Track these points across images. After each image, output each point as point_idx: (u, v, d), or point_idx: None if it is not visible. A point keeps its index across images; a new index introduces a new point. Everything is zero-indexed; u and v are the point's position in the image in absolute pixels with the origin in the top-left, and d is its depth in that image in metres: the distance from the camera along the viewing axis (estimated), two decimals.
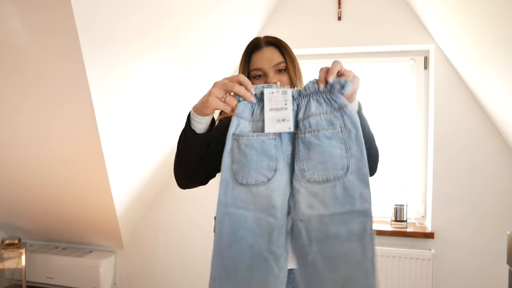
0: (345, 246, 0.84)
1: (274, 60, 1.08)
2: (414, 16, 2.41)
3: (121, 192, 2.34)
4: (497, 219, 2.29)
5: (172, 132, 2.49)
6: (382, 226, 2.48)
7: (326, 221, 0.85)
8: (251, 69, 1.09)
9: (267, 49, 1.09)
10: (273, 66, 1.08)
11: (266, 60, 1.08)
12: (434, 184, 2.38)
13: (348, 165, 0.85)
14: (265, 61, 1.08)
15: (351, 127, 0.86)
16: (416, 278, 2.29)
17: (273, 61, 1.08)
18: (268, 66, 1.08)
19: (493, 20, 1.60)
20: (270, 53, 1.09)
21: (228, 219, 0.87)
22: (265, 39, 1.12)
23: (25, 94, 1.83)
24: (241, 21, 2.41)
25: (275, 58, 1.08)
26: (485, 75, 2.02)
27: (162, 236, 2.85)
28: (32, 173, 2.30)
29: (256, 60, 1.09)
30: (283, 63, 1.08)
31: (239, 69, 1.13)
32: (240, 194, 0.88)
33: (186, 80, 2.32)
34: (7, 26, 1.55)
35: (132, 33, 1.73)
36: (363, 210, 0.84)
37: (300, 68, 1.14)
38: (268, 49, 1.09)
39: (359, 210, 0.84)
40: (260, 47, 1.10)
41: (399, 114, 2.63)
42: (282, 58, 1.09)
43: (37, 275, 2.83)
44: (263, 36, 1.14)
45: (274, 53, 1.09)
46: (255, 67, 1.08)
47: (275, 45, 1.10)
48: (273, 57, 1.08)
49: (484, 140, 2.31)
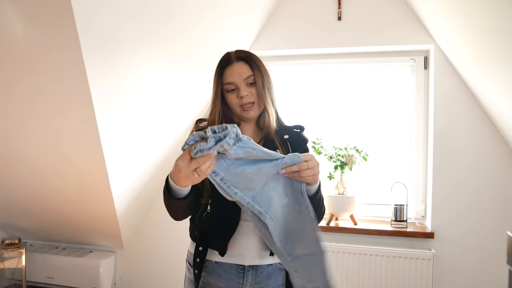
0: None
1: (244, 74, 1.15)
2: (414, 16, 2.41)
3: (121, 192, 2.34)
4: (497, 219, 2.29)
5: (172, 132, 2.49)
6: (382, 226, 2.48)
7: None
8: (224, 83, 1.16)
9: (237, 64, 1.16)
10: (243, 80, 1.15)
11: (237, 74, 1.15)
12: (434, 184, 2.38)
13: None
14: (236, 75, 1.15)
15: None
16: (416, 278, 2.29)
17: (243, 75, 1.15)
18: (239, 80, 1.15)
19: (493, 20, 1.60)
20: (241, 68, 1.15)
21: None
22: (235, 54, 1.18)
23: (25, 94, 1.83)
24: (241, 21, 2.41)
25: (245, 72, 1.15)
26: (485, 75, 2.02)
27: (162, 236, 2.85)
28: (32, 173, 2.30)
29: (228, 75, 1.16)
30: (253, 76, 1.15)
31: (213, 83, 1.19)
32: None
33: (186, 80, 2.32)
34: (7, 27, 1.55)
35: (132, 33, 1.74)
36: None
37: (270, 80, 1.21)
38: (238, 64, 1.16)
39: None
40: (231, 62, 1.16)
41: (399, 114, 2.63)
42: (251, 72, 1.15)
43: (37, 275, 2.83)
44: (234, 51, 1.20)
45: (243, 67, 1.15)
46: (227, 81, 1.16)
47: (245, 59, 1.16)
48: (243, 71, 1.15)
49: (484, 140, 2.31)
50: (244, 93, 1.14)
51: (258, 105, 1.17)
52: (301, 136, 1.23)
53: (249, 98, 1.15)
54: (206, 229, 1.17)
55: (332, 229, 2.48)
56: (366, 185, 2.65)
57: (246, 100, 1.15)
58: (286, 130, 1.23)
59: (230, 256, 1.15)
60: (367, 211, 2.65)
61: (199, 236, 1.18)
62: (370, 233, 2.43)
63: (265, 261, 1.16)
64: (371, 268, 2.36)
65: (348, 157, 2.47)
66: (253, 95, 1.16)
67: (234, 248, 1.15)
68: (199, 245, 1.17)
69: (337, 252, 2.41)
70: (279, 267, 1.18)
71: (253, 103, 1.16)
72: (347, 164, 2.48)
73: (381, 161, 2.64)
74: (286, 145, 1.18)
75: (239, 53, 1.18)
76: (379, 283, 2.35)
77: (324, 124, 2.72)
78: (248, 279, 1.15)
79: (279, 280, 1.18)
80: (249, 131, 1.23)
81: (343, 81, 2.72)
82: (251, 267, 1.15)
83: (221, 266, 1.15)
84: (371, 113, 2.68)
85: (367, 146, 2.53)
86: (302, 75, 2.78)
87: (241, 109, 1.16)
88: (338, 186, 2.51)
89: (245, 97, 1.14)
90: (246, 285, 1.15)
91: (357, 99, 2.70)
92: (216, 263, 1.16)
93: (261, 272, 1.15)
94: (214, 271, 1.16)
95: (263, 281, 1.16)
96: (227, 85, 1.16)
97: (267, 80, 1.19)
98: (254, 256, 1.15)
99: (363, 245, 2.40)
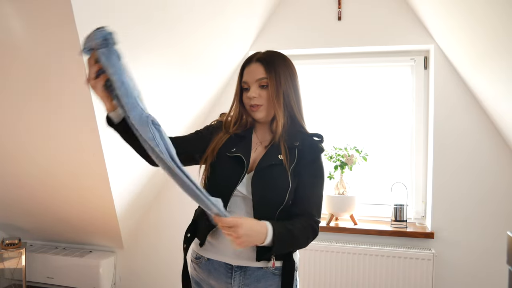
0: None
1: (257, 75, 1.16)
2: (414, 16, 2.41)
3: (121, 192, 2.34)
4: (497, 219, 2.29)
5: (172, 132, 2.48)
6: (382, 226, 2.48)
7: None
8: (242, 81, 1.20)
9: (254, 65, 1.17)
10: (255, 81, 1.16)
11: (251, 74, 1.17)
12: (434, 184, 2.38)
13: None
14: (250, 75, 1.17)
15: None
16: (416, 278, 2.29)
17: (256, 76, 1.16)
18: (251, 80, 1.16)
19: (493, 20, 1.60)
20: (255, 69, 1.16)
21: None
22: (256, 55, 1.19)
23: (25, 94, 1.83)
24: (241, 21, 2.41)
25: (258, 74, 1.16)
26: (485, 75, 2.02)
27: (162, 236, 2.85)
28: (32, 173, 2.30)
29: (245, 74, 1.19)
30: (265, 79, 1.15)
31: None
32: None
33: (186, 80, 2.32)
34: (7, 26, 1.55)
35: (132, 33, 1.73)
36: None
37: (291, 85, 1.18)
38: (255, 64, 1.17)
39: None
40: (251, 62, 1.19)
41: (398, 114, 2.63)
42: (264, 74, 1.15)
43: (37, 275, 2.83)
44: (261, 52, 1.21)
45: (258, 69, 1.16)
46: (244, 80, 1.19)
47: (262, 61, 1.17)
48: (257, 73, 1.16)
49: (484, 140, 2.31)
50: (252, 94, 1.15)
51: (266, 109, 1.17)
52: (314, 145, 1.18)
53: (256, 100, 1.15)
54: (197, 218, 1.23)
55: (332, 229, 2.49)
56: (366, 185, 2.65)
57: (253, 102, 1.16)
58: (299, 136, 1.19)
59: (217, 253, 1.16)
60: (367, 211, 2.65)
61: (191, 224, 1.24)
62: (370, 233, 2.43)
63: (253, 263, 1.13)
64: (371, 268, 2.36)
65: (348, 157, 2.47)
66: (262, 98, 1.15)
67: (217, 242, 1.16)
68: (187, 232, 1.22)
69: (337, 252, 2.40)
70: (272, 272, 1.14)
71: (260, 106, 1.16)
72: (347, 164, 2.48)
73: (381, 161, 2.64)
74: (293, 151, 1.15)
75: (261, 54, 1.19)
76: (379, 283, 2.35)
77: (324, 124, 2.72)
78: (235, 279, 1.13)
79: (272, 285, 1.14)
80: (262, 132, 1.24)
81: (343, 81, 2.72)
82: (239, 268, 1.13)
83: (212, 264, 1.17)
84: (371, 113, 2.67)
85: (367, 146, 2.53)
86: (302, 75, 2.78)
87: (250, 109, 1.18)
88: (338, 186, 2.51)
89: (253, 98, 1.15)
90: (234, 286, 1.13)
91: (357, 99, 2.69)
92: (208, 260, 1.17)
93: (249, 274, 1.13)
94: (206, 267, 1.18)
95: (252, 283, 1.13)
96: (243, 83, 1.19)
97: (286, 85, 1.16)
98: (241, 256, 1.13)
99: (363, 245, 2.40)
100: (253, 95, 1.15)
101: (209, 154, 1.18)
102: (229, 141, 1.19)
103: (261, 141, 1.22)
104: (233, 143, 1.18)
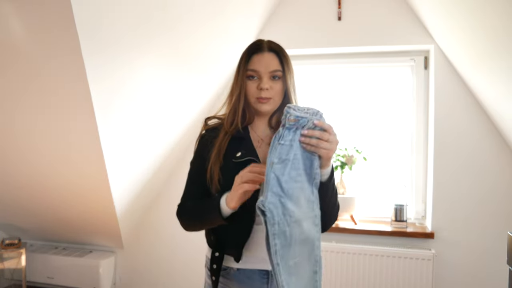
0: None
1: (272, 66, 1.10)
2: (414, 16, 2.41)
3: (121, 193, 2.34)
4: (497, 219, 2.29)
5: (171, 133, 2.49)
6: (382, 226, 2.48)
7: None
8: (248, 68, 1.11)
9: (267, 54, 1.11)
10: (269, 72, 1.10)
11: (264, 64, 1.09)
12: (434, 184, 2.38)
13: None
14: (263, 65, 1.09)
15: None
16: (416, 278, 2.29)
17: (271, 67, 1.10)
18: (264, 70, 1.09)
19: (493, 20, 1.60)
20: (270, 59, 1.10)
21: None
22: (268, 44, 1.13)
23: (25, 94, 1.83)
24: (241, 21, 2.41)
25: (273, 65, 1.10)
26: (485, 75, 2.02)
27: (162, 236, 2.85)
28: (32, 173, 2.30)
29: (255, 62, 1.10)
30: (280, 72, 1.10)
31: (237, 65, 1.14)
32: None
33: (186, 80, 2.32)
34: (6, 26, 1.55)
35: (132, 33, 1.73)
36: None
37: (294, 82, 1.16)
38: (269, 54, 1.11)
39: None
40: (262, 50, 1.11)
41: (399, 114, 2.63)
42: (279, 67, 1.10)
43: (37, 275, 2.83)
44: (267, 40, 1.15)
45: (273, 59, 1.10)
46: (252, 68, 1.10)
47: (277, 52, 1.12)
48: (272, 64, 1.10)
49: (484, 140, 2.31)
50: (266, 86, 1.08)
51: (274, 102, 1.12)
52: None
53: (268, 93, 1.09)
54: (220, 235, 1.13)
55: (332, 229, 2.48)
56: (366, 185, 2.65)
57: (265, 95, 1.09)
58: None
59: (249, 262, 1.10)
60: (367, 211, 2.65)
61: (215, 241, 1.14)
62: (370, 233, 2.43)
63: None
64: (371, 268, 2.36)
65: (348, 157, 2.47)
66: (274, 91, 1.10)
67: (251, 252, 1.09)
68: (215, 251, 1.12)
69: (337, 252, 2.40)
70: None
71: (270, 99, 1.10)
72: (347, 164, 2.48)
73: (381, 161, 2.64)
74: None
75: (272, 44, 1.13)
76: (379, 283, 2.35)
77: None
78: (273, 284, 1.10)
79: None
80: (261, 129, 1.18)
81: (343, 81, 2.72)
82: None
83: (244, 273, 1.10)
84: (371, 113, 2.67)
85: (367, 146, 2.53)
86: (302, 75, 2.78)
87: (256, 101, 1.11)
88: (338, 186, 2.51)
89: (265, 91, 1.08)
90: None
91: (357, 99, 2.69)
92: (238, 270, 1.11)
93: None
94: (237, 278, 1.11)
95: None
96: (251, 71, 1.10)
97: (293, 80, 1.14)
98: None
99: (363, 245, 2.40)
100: (266, 87, 1.08)
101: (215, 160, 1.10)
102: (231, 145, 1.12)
103: (262, 137, 1.17)
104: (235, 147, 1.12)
